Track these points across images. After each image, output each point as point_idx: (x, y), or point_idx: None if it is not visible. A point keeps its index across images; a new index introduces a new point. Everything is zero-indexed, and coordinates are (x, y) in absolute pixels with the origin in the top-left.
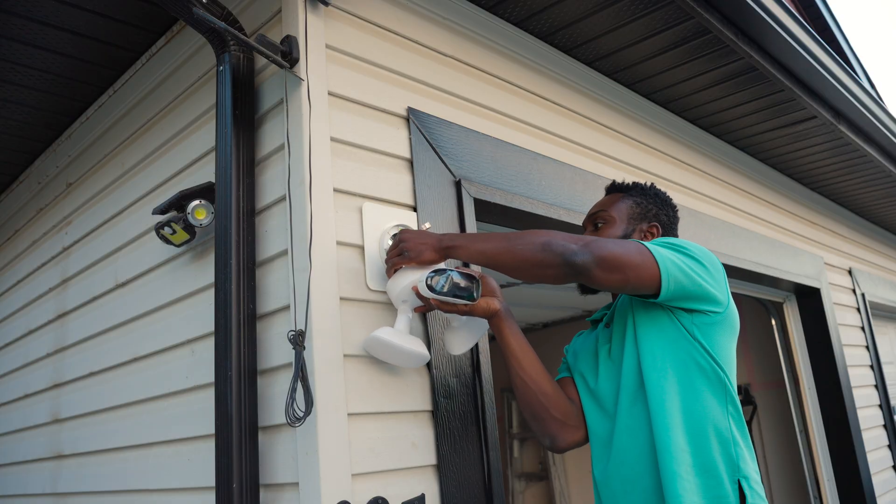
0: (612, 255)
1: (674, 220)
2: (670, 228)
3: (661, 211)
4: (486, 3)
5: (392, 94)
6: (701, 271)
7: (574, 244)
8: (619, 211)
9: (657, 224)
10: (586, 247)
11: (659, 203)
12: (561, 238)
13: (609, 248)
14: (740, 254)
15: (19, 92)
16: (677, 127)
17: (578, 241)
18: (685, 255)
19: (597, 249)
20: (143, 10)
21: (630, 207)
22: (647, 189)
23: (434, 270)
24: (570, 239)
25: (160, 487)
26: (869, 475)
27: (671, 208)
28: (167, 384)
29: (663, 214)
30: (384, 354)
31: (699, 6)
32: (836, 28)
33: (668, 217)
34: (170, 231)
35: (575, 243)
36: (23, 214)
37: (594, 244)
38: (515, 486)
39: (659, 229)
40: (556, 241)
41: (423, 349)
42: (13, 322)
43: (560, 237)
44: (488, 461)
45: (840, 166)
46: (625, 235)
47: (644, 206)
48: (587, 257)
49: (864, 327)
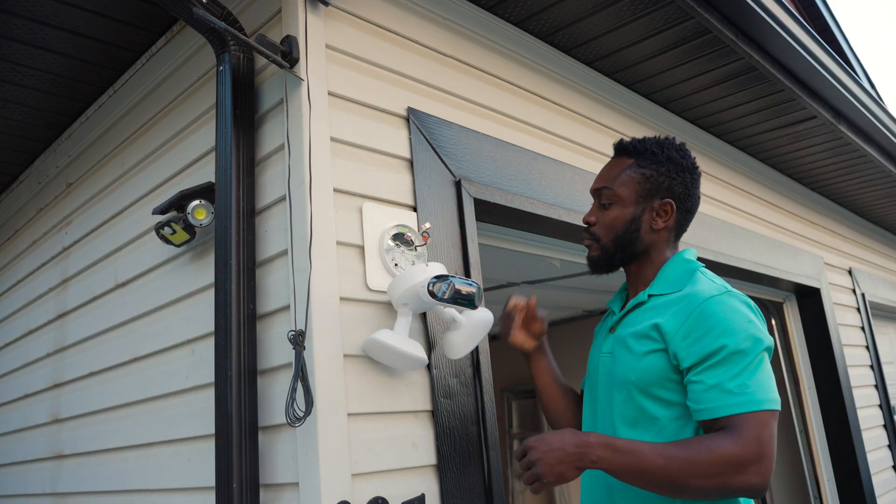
0: (774, 459)
1: (691, 185)
2: (687, 197)
3: (674, 181)
4: (486, 3)
5: (392, 94)
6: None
7: (757, 476)
8: (627, 188)
9: (671, 200)
10: (766, 474)
11: (672, 171)
12: (733, 472)
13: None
14: (740, 254)
15: (19, 92)
16: (677, 127)
17: (758, 468)
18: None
19: (769, 470)
20: (143, 10)
21: (639, 183)
22: (658, 154)
23: (436, 276)
24: (738, 466)
25: (160, 487)
26: (869, 475)
27: (687, 172)
28: (167, 384)
29: (678, 184)
30: (383, 357)
31: (699, 6)
32: (836, 28)
33: (683, 185)
34: (170, 231)
35: (744, 475)
36: (23, 214)
37: (768, 469)
38: (515, 486)
39: (672, 206)
40: (737, 478)
41: (421, 353)
42: (13, 322)
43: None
44: (488, 461)
45: (840, 166)
46: (634, 218)
47: (654, 179)
48: (764, 484)
49: (864, 327)
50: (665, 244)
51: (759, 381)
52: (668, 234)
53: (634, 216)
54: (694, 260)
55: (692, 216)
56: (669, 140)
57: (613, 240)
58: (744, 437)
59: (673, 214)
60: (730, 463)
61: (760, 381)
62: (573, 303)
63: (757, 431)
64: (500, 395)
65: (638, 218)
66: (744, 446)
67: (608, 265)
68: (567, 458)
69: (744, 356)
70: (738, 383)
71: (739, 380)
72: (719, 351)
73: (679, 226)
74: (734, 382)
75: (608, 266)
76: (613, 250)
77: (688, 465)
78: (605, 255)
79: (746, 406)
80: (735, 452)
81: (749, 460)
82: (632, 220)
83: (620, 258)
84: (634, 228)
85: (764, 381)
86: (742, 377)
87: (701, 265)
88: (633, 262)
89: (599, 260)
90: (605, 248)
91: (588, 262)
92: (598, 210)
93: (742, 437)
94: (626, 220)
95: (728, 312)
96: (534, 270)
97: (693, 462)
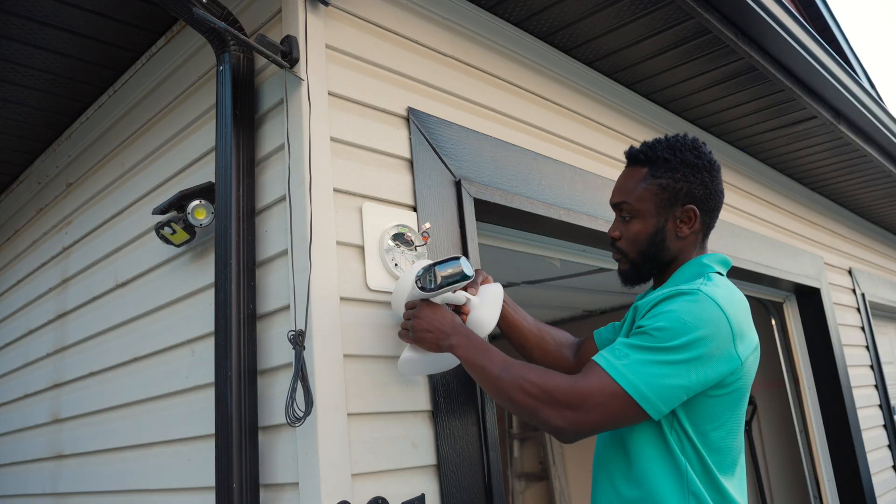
0: (590, 423)
1: (711, 183)
2: (709, 198)
3: (693, 184)
4: (486, 3)
5: (392, 94)
6: (691, 359)
7: (554, 414)
8: (646, 201)
9: (693, 206)
10: (566, 419)
11: (689, 175)
12: (545, 404)
13: (588, 417)
14: (740, 254)
15: (19, 92)
16: (677, 127)
17: (560, 408)
18: (665, 352)
19: (576, 421)
20: (143, 10)
21: (656, 195)
22: (672, 159)
23: (416, 276)
24: (554, 401)
25: (160, 487)
26: (869, 475)
27: (705, 171)
28: (167, 384)
29: (697, 186)
30: (421, 368)
31: (699, 6)
32: (836, 28)
33: (703, 186)
34: (170, 231)
35: (556, 412)
36: (23, 214)
37: (574, 415)
38: (515, 486)
39: (695, 211)
40: (540, 411)
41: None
42: (13, 322)
43: (548, 399)
44: (488, 461)
45: (840, 166)
46: (657, 230)
47: (672, 187)
48: (568, 435)
49: (864, 327)
50: (692, 247)
51: (645, 368)
52: (695, 237)
53: (657, 228)
54: (710, 264)
55: (718, 212)
56: (681, 140)
57: (640, 254)
58: (580, 385)
59: (697, 219)
60: (550, 395)
61: (647, 369)
62: (573, 303)
63: (596, 390)
64: None
65: (662, 229)
66: (572, 391)
67: (639, 278)
68: (435, 334)
69: (653, 340)
70: (625, 353)
71: (629, 351)
72: (642, 326)
73: (706, 226)
74: (624, 350)
75: (639, 278)
76: (641, 263)
77: (519, 379)
78: (635, 268)
79: (610, 369)
80: (561, 389)
81: (567, 404)
82: (655, 232)
83: (650, 270)
84: (660, 240)
85: (649, 372)
86: (635, 353)
87: (714, 269)
88: (663, 271)
89: (629, 273)
90: (633, 262)
91: (619, 276)
92: (620, 224)
93: (578, 384)
94: (650, 233)
95: (680, 305)
96: (534, 270)
97: (524, 379)
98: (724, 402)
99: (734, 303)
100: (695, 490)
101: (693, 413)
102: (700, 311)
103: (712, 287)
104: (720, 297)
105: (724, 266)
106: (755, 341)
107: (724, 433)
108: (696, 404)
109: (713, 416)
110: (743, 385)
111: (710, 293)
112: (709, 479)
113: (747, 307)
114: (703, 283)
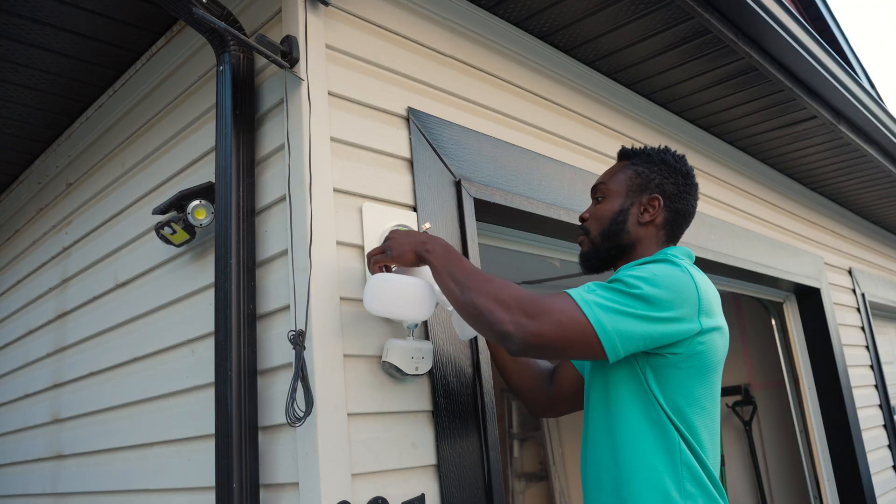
0: (542, 336)
1: (684, 188)
2: (678, 198)
3: (665, 180)
4: (486, 3)
5: (392, 94)
6: (656, 312)
7: (508, 318)
8: (619, 183)
9: (658, 196)
10: (518, 325)
11: (664, 171)
12: (502, 307)
13: (541, 328)
14: (740, 254)
15: (19, 92)
16: (677, 127)
17: (516, 313)
18: (633, 298)
19: (527, 329)
20: (143, 10)
21: (630, 178)
22: (653, 155)
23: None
24: (512, 307)
25: (160, 487)
26: (869, 475)
27: (680, 175)
28: (167, 384)
29: (668, 183)
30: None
31: (699, 6)
32: (836, 28)
33: (674, 185)
34: (170, 231)
35: (510, 316)
36: (23, 214)
37: (528, 323)
38: (515, 486)
39: (660, 201)
40: (495, 313)
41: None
42: (13, 322)
43: (506, 304)
44: (488, 461)
45: (840, 166)
46: (622, 210)
47: (645, 175)
48: (515, 343)
49: (864, 327)
50: (652, 241)
51: (612, 306)
52: (655, 230)
53: (622, 208)
54: (676, 254)
55: (685, 221)
56: (669, 148)
57: (601, 232)
58: (544, 300)
59: (661, 210)
60: (510, 299)
61: (614, 308)
62: None
63: (558, 309)
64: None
65: (626, 210)
66: (535, 301)
67: (597, 260)
68: (411, 244)
69: (624, 287)
70: (594, 290)
71: (600, 290)
72: (616, 279)
73: (669, 225)
74: (594, 287)
75: (597, 261)
76: (601, 242)
77: (482, 282)
78: (594, 249)
79: (578, 299)
80: (523, 297)
81: (524, 311)
82: (619, 211)
83: (607, 250)
84: (621, 220)
85: (615, 311)
86: (605, 291)
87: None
88: (621, 258)
89: (589, 255)
90: (593, 241)
91: (579, 260)
92: (592, 206)
93: (543, 298)
94: (614, 211)
95: (655, 265)
96: (534, 270)
97: (487, 281)
98: (687, 372)
99: (705, 284)
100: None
101: (664, 385)
102: (672, 273)
103: (687, 265)
104: (694, 273)
105: (688, 258)
106: (722, 324)
107: (697, 410)
108: (662, 371)
109: (681, 387)
110: (706, 358)
111: (685, 265)
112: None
113: (717, 296)
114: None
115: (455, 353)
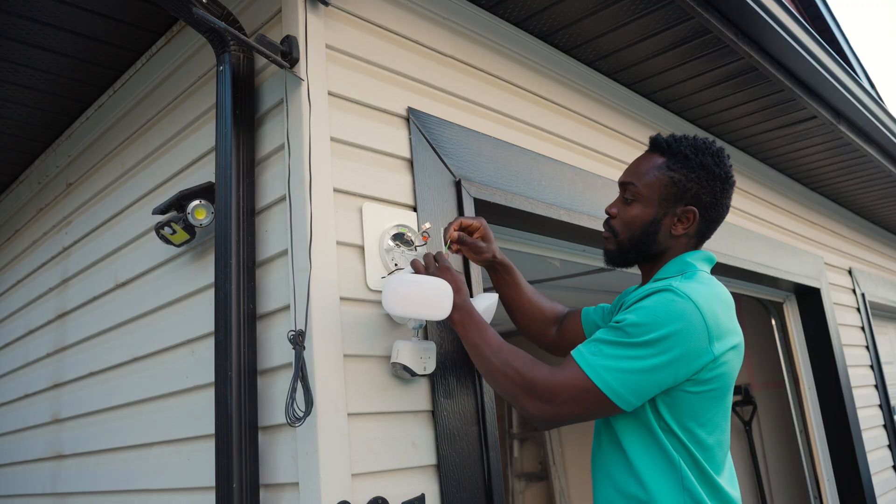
0: (562, 417)
1: (721, 194)
2: (713, 207)
3: (703, 188)
4: (486, 3)
5: (392, 94)
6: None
7: (530, 404)
8: (652, 189)
9: (694, 208)
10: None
11: (703, 178)
12: (525, 394)
13: (559, 410)
14: (740, 254)
15: (19, 92)
16: (678, 127)
17: (534, 399)
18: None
19: (548, 413)
20: (143, 10)
21: (665, 187)
22: (692, 158)
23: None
24: (531, 392)
25: (160, 487)
26: (869, 475)
27: (719, 180)
28: (167, 384)
29: (706, 192)
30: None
31: (699, 6)
32: (836, 28)
33: (711, 194)
34: (170, 231)
35: (531, 402)
36: (23, 214)
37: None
38: (515, 486)
39: (696, 214)
40: (519, 399)
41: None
42: (13, 322)
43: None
44: (488, 461)
45: (840, 166)
46: (654, 220)
47: (682, 184)
48: (541, 424)
49: (864, 327)
50: (682, 249)
51: (616, 363)
52: (687, 240)
53: (655, 218)
54: (693, 262)
55: (717, 225)
56: (707, 144)
57: (630, 238)
58: (555, 378)
59: (695, 223)
60: (531, 386)
61: (618, 364)
62: (573, 303)
63: (570, 384)
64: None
65: (658, 221)
66: (548, 383)
67: (622, 261)
68: (455, 284)
69: (625, 336)
70: (599, 348)
71: (602, 346)
72: (618, 321)
73: (701, 234)
74: (597, 346)
75: (621, 262)
76: (629, 248)
77: (506, 365)
78: (620, 250)
79: (584, 364)
80: (538, 381)
81: (540, 395)
82: (651, 221)
83: (634, 257)
84: (653, 231)
85: (620, 367)
86: (607, 348)
87: (696, 266)
88: (647, 263)
89: (614, 254)
90: (620, 244)
91: (604, 256)
92: (620, 203)
93: (554, 377)
94: (646, 221)
95: (654, 301)
96: (534, 270)
97: (510, 366)
98: (705, 398)
99: (712, 299)
100: (689, 486)
101: (676, 411)
102: (672, 307)
103: (690, 284)
104: (697, 293)
105: (708, 263)
106: (735, 340)
107: (709, 430)
108: (677, 401)
109: (695, 413)
110: (723, 383)
111: (685, 290)
112: (703, 476)
113: (730, 304)
114: (680, 280)
115: (455, 353)
